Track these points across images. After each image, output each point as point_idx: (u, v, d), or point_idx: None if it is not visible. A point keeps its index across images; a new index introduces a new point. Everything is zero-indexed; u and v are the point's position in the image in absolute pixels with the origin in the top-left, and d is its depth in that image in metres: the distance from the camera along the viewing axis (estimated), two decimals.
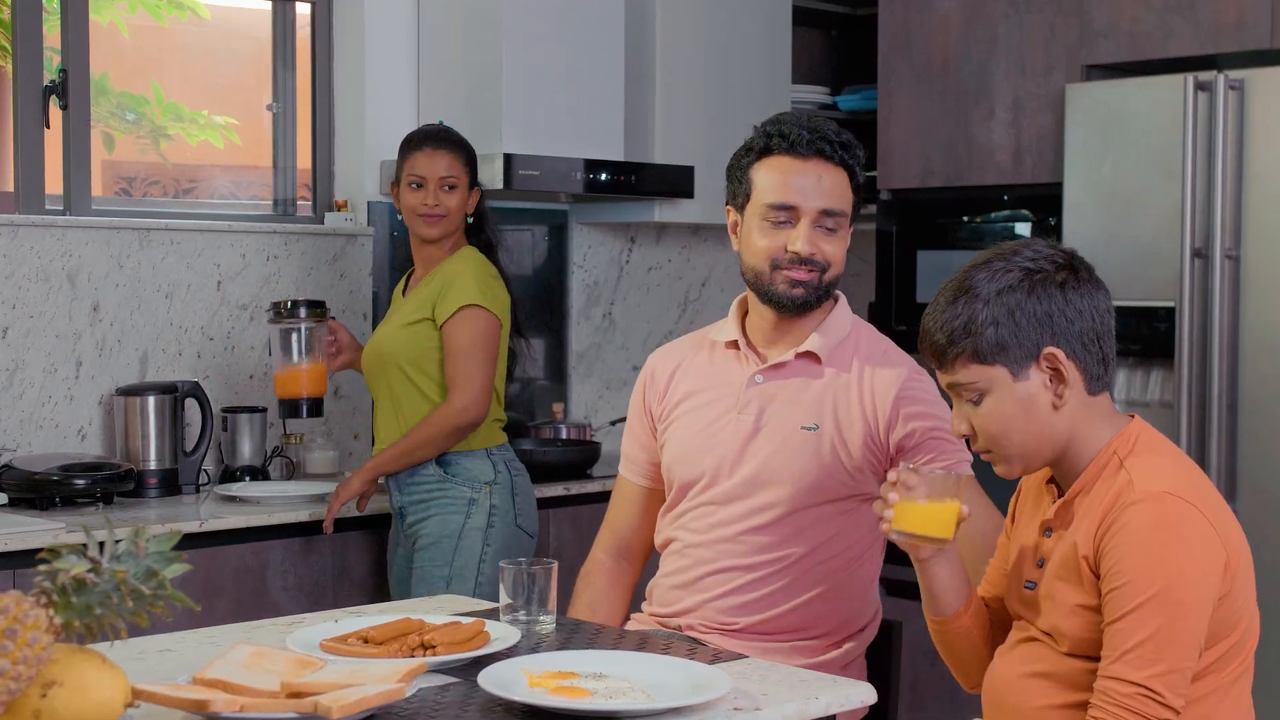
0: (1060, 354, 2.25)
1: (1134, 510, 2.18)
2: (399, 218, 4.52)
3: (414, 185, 3.86)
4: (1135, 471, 2.23)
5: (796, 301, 2.76)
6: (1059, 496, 2.34)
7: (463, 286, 3.78)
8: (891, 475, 2.34)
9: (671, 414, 2.93)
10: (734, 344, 2.88)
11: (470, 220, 3.95)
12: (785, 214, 2.74)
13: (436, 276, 3.84)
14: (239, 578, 3.74)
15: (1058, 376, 2.26)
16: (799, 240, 2.73)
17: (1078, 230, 4.31)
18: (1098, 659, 2.22)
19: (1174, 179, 4.08)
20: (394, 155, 4.60)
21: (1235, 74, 3.99)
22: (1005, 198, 4.67)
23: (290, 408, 4.02)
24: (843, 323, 2.83)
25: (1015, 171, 4.58)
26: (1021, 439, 2.29)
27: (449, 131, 3.95)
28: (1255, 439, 3.92)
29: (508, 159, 4.31)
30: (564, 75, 4.57)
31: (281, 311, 4.00)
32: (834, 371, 2.78)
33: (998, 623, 2.48)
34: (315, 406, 4.03)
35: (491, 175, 4.31)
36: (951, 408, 2.38)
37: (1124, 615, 2.16)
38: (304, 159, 4.71)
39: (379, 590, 3.96)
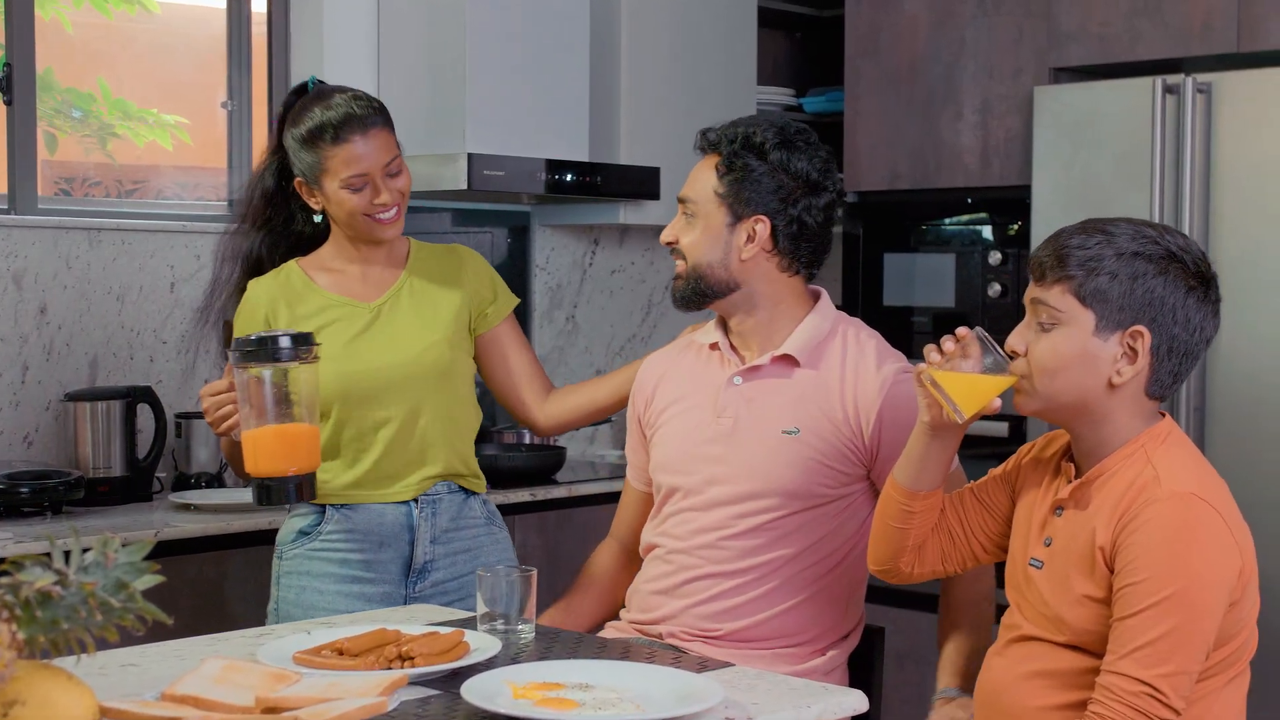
0: (1148, 339, 2.22)
1: (1158, 508, 2.15)
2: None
3: (356, 189, 2.94)
4: (1162, 468, 2.20)
5: (674, 297, 2.79)
6: (1075, 476, 2.29)
7: (503, 283, 3.22)
8: (960, 330, 2.30)
9: (657, 421, 2.89)
10: (716, 346, 2.83)
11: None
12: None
13: (438, 271, 3.13)
14: (196, 588, 3.64)
15: (1131, 356, 2.23)
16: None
17: (1046, 233, 4.24)
18: (1095, 654, 2.20)
19: (1142, 182, 4.07)
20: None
21: (1203, 77, 3.97)
22: (969, 200, 4.64)
23: (268, 491, 2.67)
24: (822, 322, 2.77)
25: (983, 174, 4.55)
26: (1063, 385, 2.25)
27: (359, 97, 3.02)
28: (1224, 445, 3.90)
29: (470, 159, 4.22)
30: (528, 74, 4.50)
31: (255, 350, 2.61)
32: (814, 373, 2.72)
33: (943, 527, 2.48)
34: (309, 486, 2.69)
35: (454, 175, 4.23)
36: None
37: (1137, 612, 2.13)
38: (259, 159, 4.60)
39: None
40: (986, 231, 4.62)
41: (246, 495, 3.96)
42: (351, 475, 2.99)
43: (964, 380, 2.28)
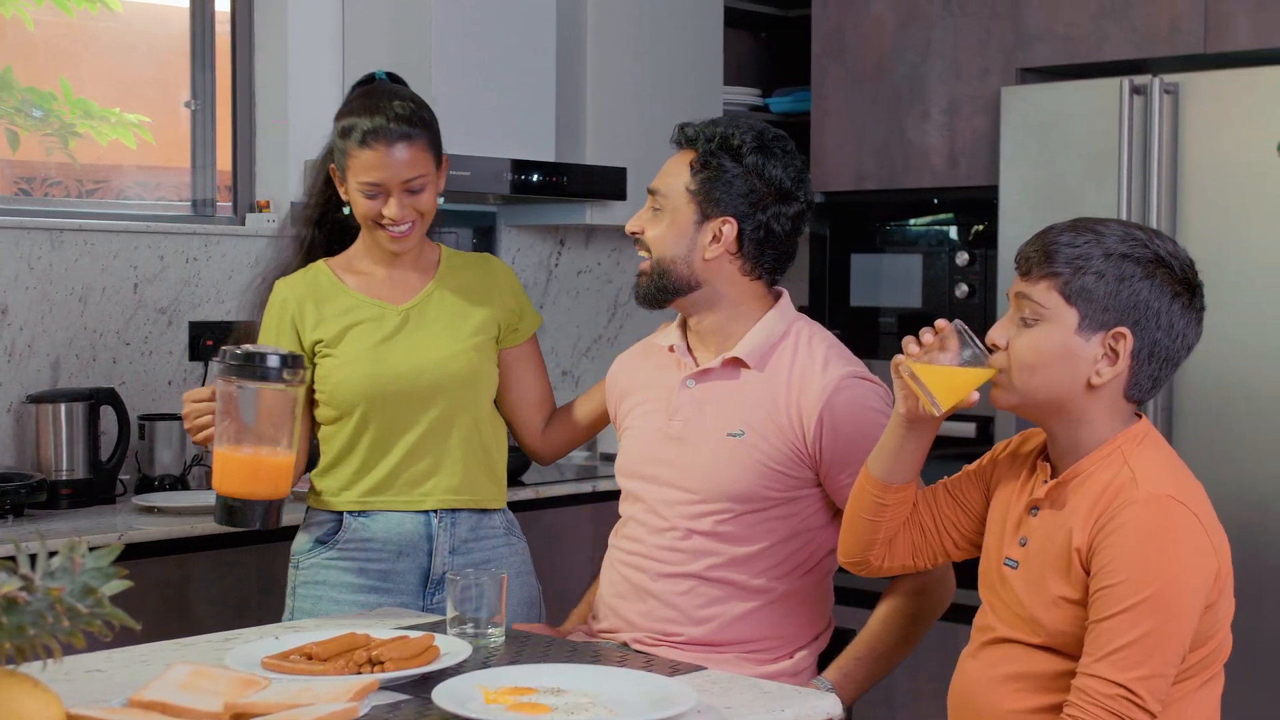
0: (1129, 342, 2.22)
1: (1135, 510, 2.15)
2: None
3: (369, 195, 2.89)
4: (1139, 469, 2.20)
5: (637, 294, 2.79)
6: (1051, 476, 2.29)
7: (529, 300, 3.20)
8: (939, 323, 2.30)
9: (623, 424, 2.90)
10: (673, 348, 2.82)
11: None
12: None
13: (467, 280, 3.08)
14: (160, 591, 3.60)
15: (1111, 357, 2.22)
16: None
17: (1013, 233, 4.27)
18: (1071, 655, 2.19)
19: (1109, 182, 4.07)
20: (318, 154, 4.49)
21: (1170, 78, 3.98)
22: (935, 201, 4.64)
23: (230, 511, 2.60)
24: (776, 325, 2.75)
25: (950, 174, 4.55)
26: (1042, 382, 2.24)
27: (405, 107, 2.94)
28: (1191, 445, 3.90)
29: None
30: (494, 74, 4.48)
31: (241, 364, 2.50)
32: (761, 376, 2.71)
33: (915, 521, 2.47)
34: (275, 514, 2.62)
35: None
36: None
37: (1114, 615, 2.12)
38: (223, 159, 4.58)
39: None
40: (953, 232, 4.62)
41: (210, 498, 3.92)
42: (369, 481, 2.94)
43: (942, 373, 2.27)
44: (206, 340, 4.28)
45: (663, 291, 2.73)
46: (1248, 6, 3.97)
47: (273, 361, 2.48)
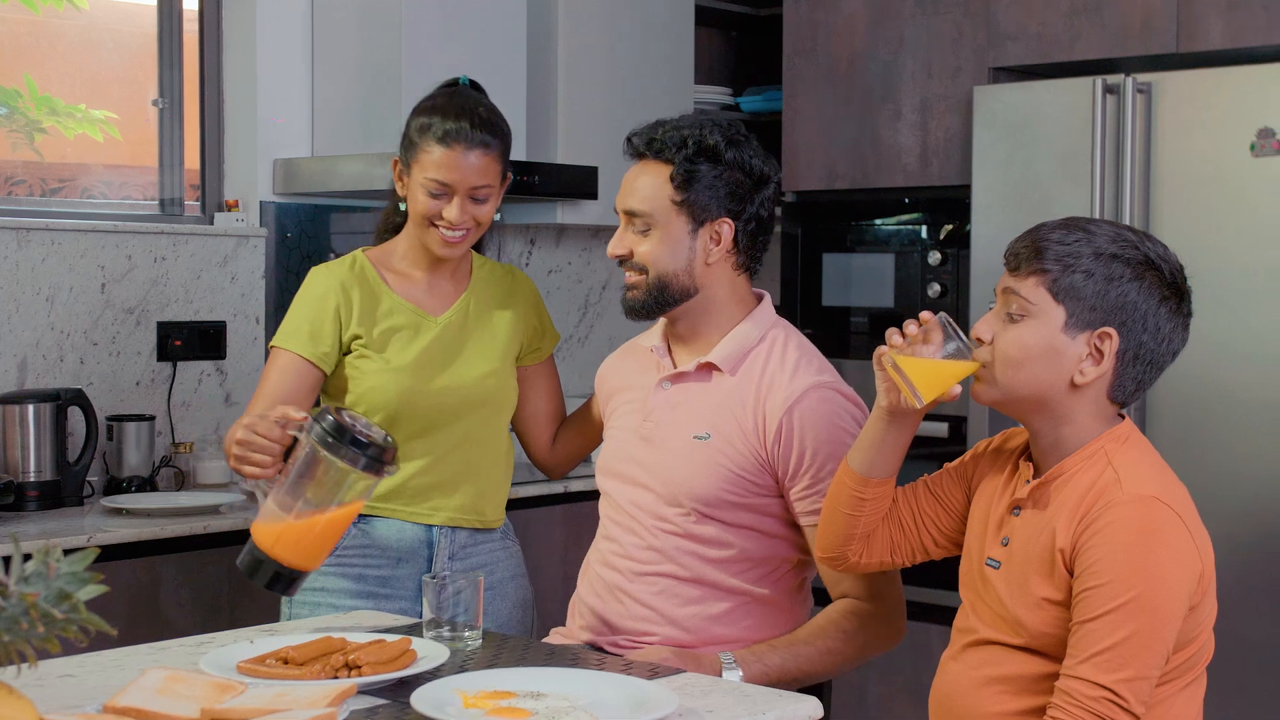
0: (1115, 343, 2.21)
1: (1119, 511, 2.13)
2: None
3: (433, 194, 2.86)
4: (1123, 471, 2.19)
5: (628, 308, 2.74)
6: (1034, 475, 2.28)
7: (549, 315, 3.16)
8: (924, 315, 2.28)
9: (609, 422, 2.88)
10: (655, 349, 2.81)
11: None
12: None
13: (496, 295, 3.05)
14: (130, 595, 3.57)
15: (1096, 357, 2.21)
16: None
17: (985, 233, 4.27)
18: (1054, 657, 2.18)
19: (1082, 182, 4.07)
20: (287, 153, 4.49)
21: (1143, 77, 3.98)
22: (907, 200, 4.63)
23: (259, 566, 2.40)
24: (753, 330, 2.73)
25: (922, 174, 4.54)
26: (1025, 378, 2.23)
27: (489, 115, 2.93)
28: (1164, 445, 3.88)
29: None
30: (465, 72, 4.41)
31: (335, 439, 2.33)
32: (733, 380, 2.69)
33: (894, 518, 2.46)
34: (297, 584, 2.43)
35: (390, 175, 4.16)
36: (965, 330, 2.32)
37: (1098, 616, 2.11)
38: (191, 158, 4.54)
39: (275, 607, 3.80)
40: (925, 232, 4.61)
41: (180, 499, 3.91)
42: (380, 487, 2.85)
43: (925, 365, 2.26)
44: (175, 340, 4.25)
45: (662, 305, 2.70)
46: (1219, 6, 3.97)
47: (372, 451, 2.34)
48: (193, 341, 4.30)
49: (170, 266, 4.27)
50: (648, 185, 2.68)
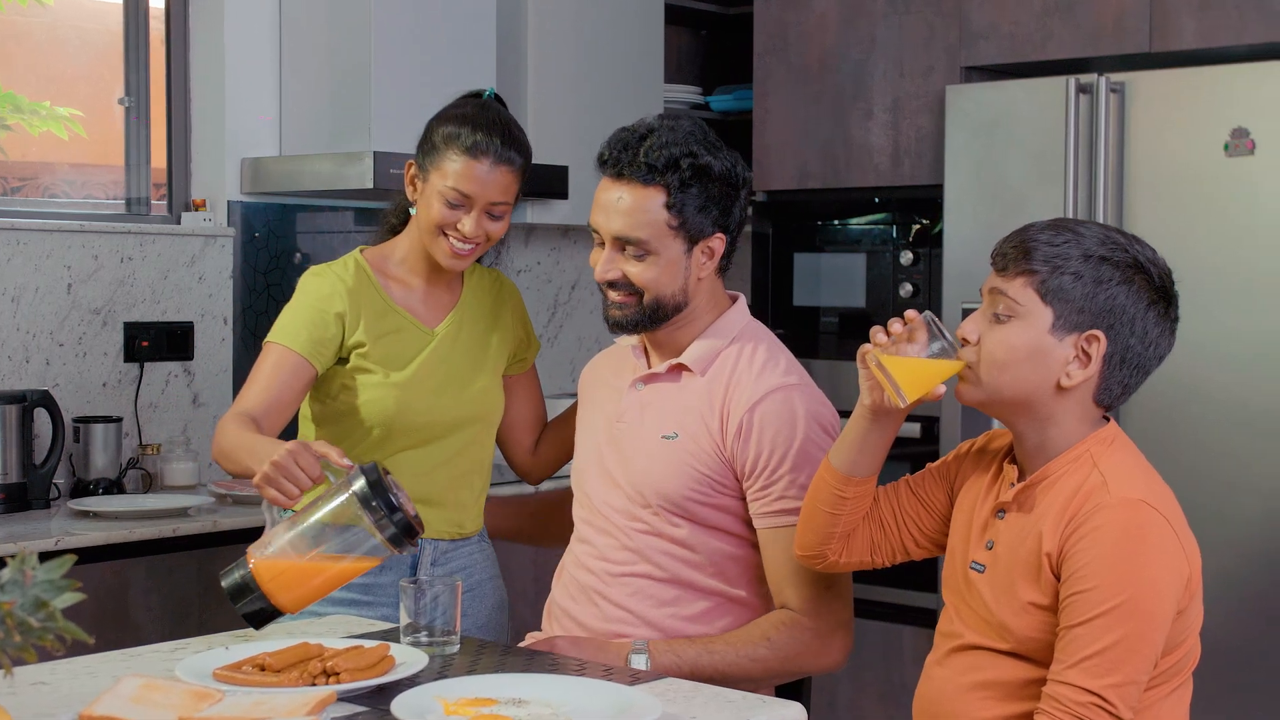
0: (1103, 346, 2.19)
1: (1106, 514, 2.12)
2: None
3: (451, 203, 2.80)
4: (1110, 474, 2.17)
5: (617, 323, 2.69)
6: (1018, 478, 2.26)
7: (531, 323, 3.13)
8: (909, 313, 2.26)
9: (582, 426, 2.87)
10: (635, 350, 2.78)
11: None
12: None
13: (486, 305, 3.03)
14: (98, 599, 3.53)
15: (1083, 360, 2.19)
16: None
17: (958, 233, 4.26)
18: (1041, 662, 2.16)
19: (1055, 181, 4.06)
20: (254, 152, 4.45)
21: (1116, 77, 3.97)
22: (880, 200, 4.62)
23: (243, 592, 2.32)
24: (727, 331, 2.71)
25: (894, 173, 4.53)
26: (1011, 380, 2.21)
27: (517, 132, 2.88)
28: (1139, 445, 3.89)
29: (376, 157, 4.14)
30: (434, 72, 4.42)
31: (370, 499, 2.29)
32: (702, 380, 2.67)
33: (875, 517, 2.44)
34: (270, 620, 2.35)
35: (360, 174, 4.15)
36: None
37: (1085, 621, 2.09)
38: (158, 156, 4.50)
39: None
40: (897, 231, 4.60)
41: (148, 501, 3.87)
42: None
43: (909, 364, 2.23)
44: (142, 341, 4.21)
45: (654, 322, 2.66)
46: (1192, 6, 3.97)
47: (401, 522, 2.28)
48: (160, 342, 4.26)
49: (137, 266, 4.23)
50: (642, 211, 2.60)
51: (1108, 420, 2.28)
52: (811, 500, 2.43)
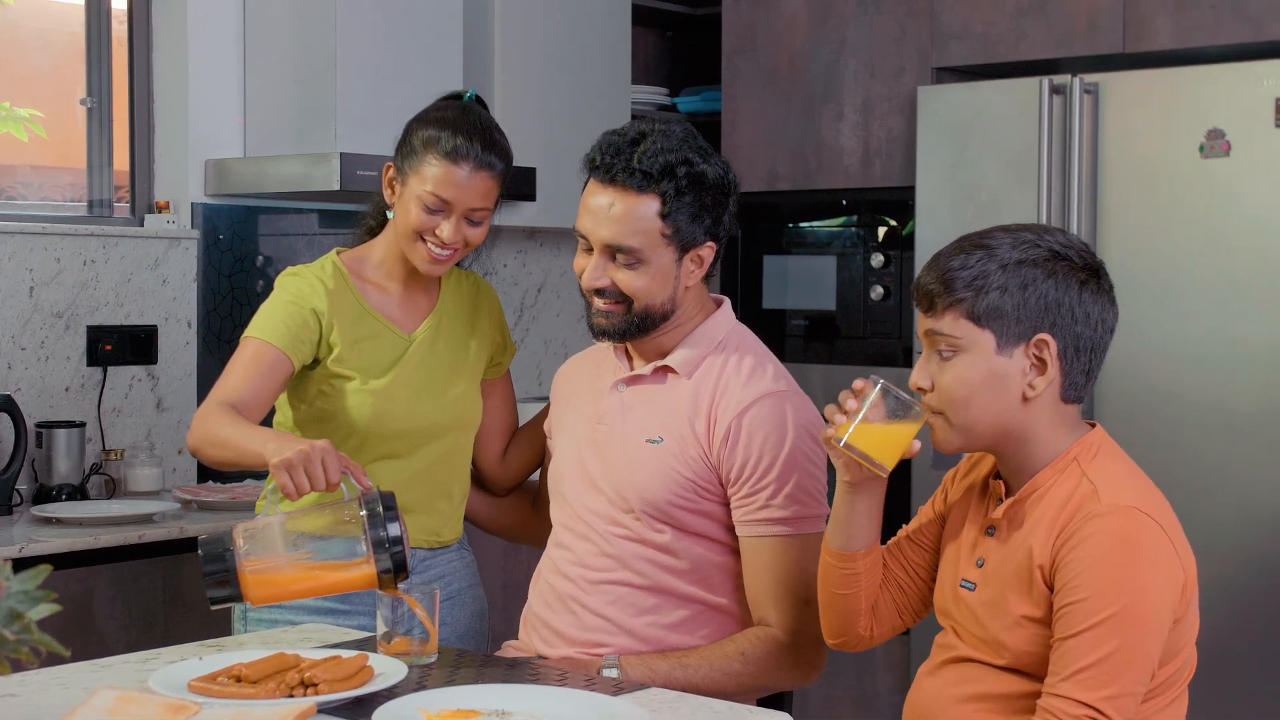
0: (1053, 346, 2.14)
1: (1098, 523, 2.07)
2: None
3: (430, 209, 2.74)
4: (1100, 481, 2.12)
5: (603, 331, 2.63)
6: (1005, 495, 2.22)
7: (507, 326, 3.08)
8: (858, 383, 2.20)
9: (559, 429, 2.81)
10: (616, 351, 2.74)
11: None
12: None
13: (464, 309, 2.97)
14: (63, 606, 3.45)
15: (1040, 367, 2.15)
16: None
17: (930, 235, 4.24)
18: (1037, 676, 2.11)
19: (1029, 183, 4.05)
20: (219, 154, 4.40)
21: (1090, 77, 3.96)
22: (850, 202, 4.60)
23: (222, 577, 2.28)
24: (713, 335, 2.67)
25: (864, 175, 4.51)
26: (979, 413, 2.16)
27: (498, 137, 2.83)
28: None
29: (343, 158, 4.08)
30: (401, 73, 4.37)
31: (376, 522, 2.28)
32: (689, 384, 2.63)
33: (891, 579, 2.39)
34: (231, 605, 2.35)
35: (327, 175, 4.10)
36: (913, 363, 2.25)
37: (1079, 632, 2.04)
38: (120, 158, 4.44)
39: (212, 618, 3.71)
40: (867, 234, 4.58)
41: (112, 508, 3.82)
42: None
43: (876, 432, 2.17)
44: (105, 345, 4.15)
45: (641, 330, 2.61)
46: (1167, 6, 3.96)
47: (398, 560, 2.25)
48: (123, 346, 4.20)
49: (100, 269, 4.17)
50: (634, 219, 2.54)
51: (1093, 426, 2.24)
52: (825, 587, 2.37)
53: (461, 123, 2.77)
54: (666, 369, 2.65)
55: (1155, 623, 2.05)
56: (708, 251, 2.61)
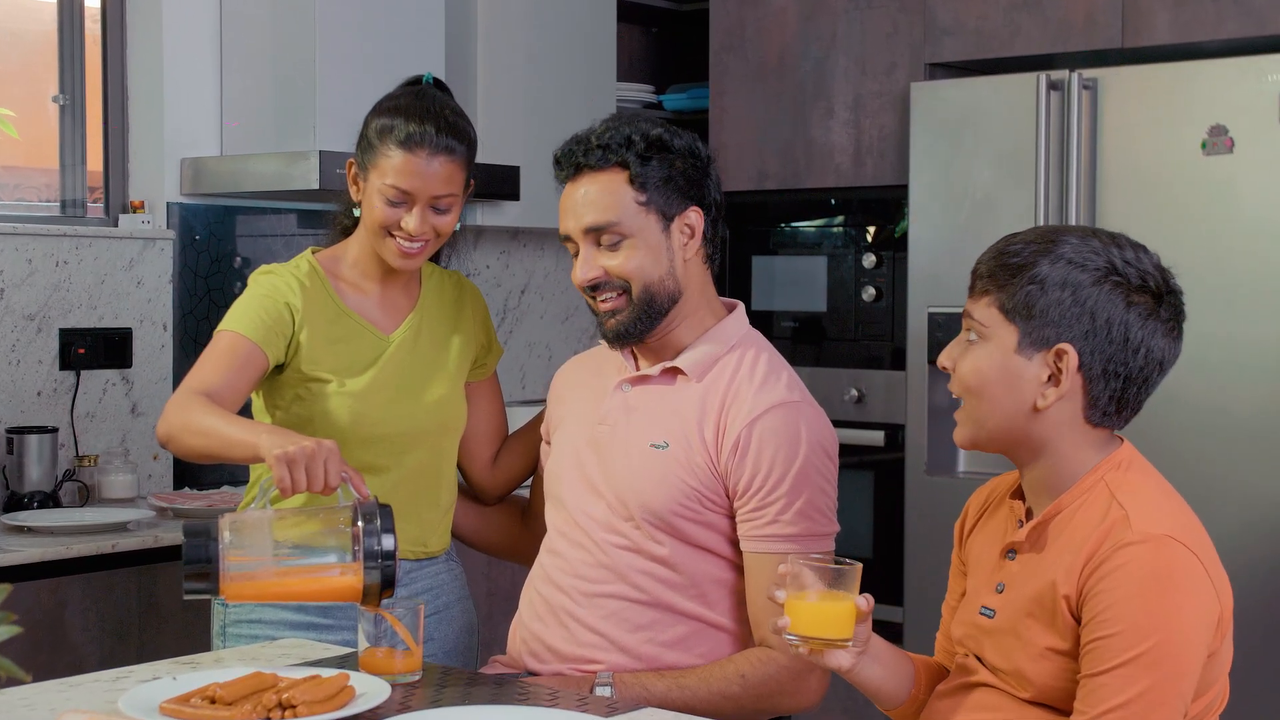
0: (1073, 359, 2.02)
1: (1131, 552, 1.94)
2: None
3: (392, 201, 2.65)
4: (1131, 507, 1.99)
5: (612, 333, 2.56)
6: (1026, 518, 2.11)
7: (493, 327, 3.00)
8: (781, 568, 2.07)
9: (558, 430, 2.71)
10: (622, 351, 2.64)
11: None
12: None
13: (446, 309, 2.88)
14: (33, 618, 3.36)
15: (1055, 379, 2.03)
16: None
17: (923, 235, 4.16)
18: (1064, 711, 1.99)
19: (1026, 181, 3.97)
20: (195, 152, 4.30)
21: (1089, 73, 3.88)
22: (833, 201, 4.51)
23: (201, 570, 2.22)
24: (726, 338, 2.58)
25: (856, 174, 4.43)
26: (989, 408, 2.06)
27: (455, 119, 2.71)
28: None
29: (322, 157, 3.99)
30: (381, 70, 4.25)
31: (375, 535, 2.23)
32: (698, 387, 2.54)
33: (950, 660, 2.26)
34: (206, 596, 2.33)
35: (305, 174, 4.00)
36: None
37: (1110, 669, 1.92)
38: (94, 157, 4.34)
39: (188, 630, 3.62)
40: (859, 234, 4.49)
41: (85, 516, 3.73)
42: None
43: (818, 611, 2.03)
44: (78, 348, 4.05)
45: (652, 319, 2.52)
46: (1166, 1, 3.88)
47: (388, 575, 2.20)
48: (97, 349, 4.10)
49: (73, 271, 4.07)
50: (606, 194, 2.50)
51: (1120, 440, 2.11)
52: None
53: (415, 108, 2.67)
54: (675, 370, 2.56)
55: (1189, 660, 1.93)
56: (695, 217, 2.53)
